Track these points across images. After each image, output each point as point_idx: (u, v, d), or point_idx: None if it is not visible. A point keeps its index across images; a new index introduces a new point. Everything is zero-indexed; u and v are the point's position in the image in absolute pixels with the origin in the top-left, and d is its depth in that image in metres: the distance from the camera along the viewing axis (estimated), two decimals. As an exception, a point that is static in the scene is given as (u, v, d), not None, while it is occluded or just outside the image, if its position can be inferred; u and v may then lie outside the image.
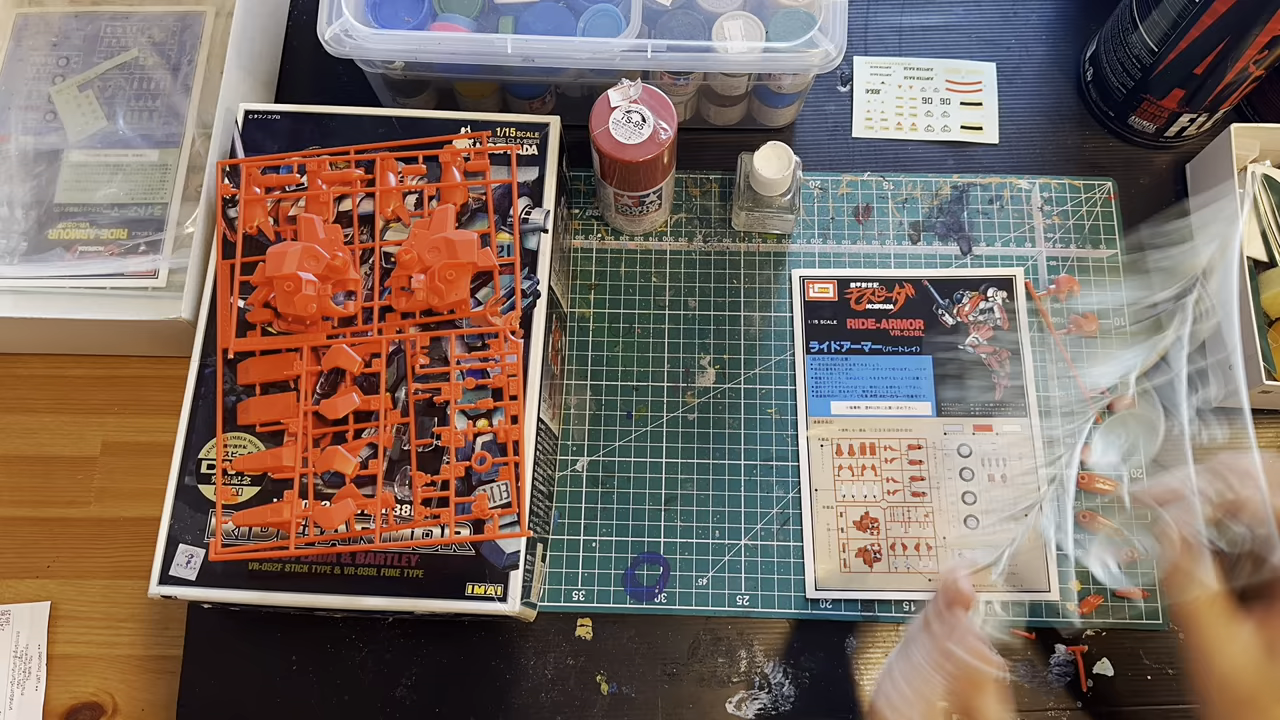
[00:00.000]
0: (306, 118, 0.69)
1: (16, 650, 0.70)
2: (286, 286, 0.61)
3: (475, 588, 0.59)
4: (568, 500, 0.72)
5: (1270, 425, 0.73)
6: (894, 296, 0.76)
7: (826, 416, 0.73)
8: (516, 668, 0.68)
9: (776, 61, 0.68)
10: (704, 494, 0.72)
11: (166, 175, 0.76)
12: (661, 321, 0.76)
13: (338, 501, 0.59)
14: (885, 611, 0.69)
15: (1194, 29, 0.68)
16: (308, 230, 0.64)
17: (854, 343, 0.75)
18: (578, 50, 0.67)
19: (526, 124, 0.68)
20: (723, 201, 0.79)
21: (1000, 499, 0.70)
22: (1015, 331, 0.74)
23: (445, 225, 0.64)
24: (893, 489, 0.71)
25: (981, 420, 0.73)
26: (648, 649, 0.69)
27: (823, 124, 0.81)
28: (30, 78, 0.79)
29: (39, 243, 0.74)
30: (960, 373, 0.74)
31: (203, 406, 0.63)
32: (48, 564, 0.73)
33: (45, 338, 0.74)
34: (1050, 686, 0.67)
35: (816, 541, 0.70)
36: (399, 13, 0.70)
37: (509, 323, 0.63)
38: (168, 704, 0.69)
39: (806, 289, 0.76)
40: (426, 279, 0.62)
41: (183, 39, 0.80)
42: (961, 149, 0.80)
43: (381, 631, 0.69)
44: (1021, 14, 0.85)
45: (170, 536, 0.60)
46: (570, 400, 0.74)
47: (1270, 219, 0.73)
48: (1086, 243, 0.77)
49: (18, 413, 0.76)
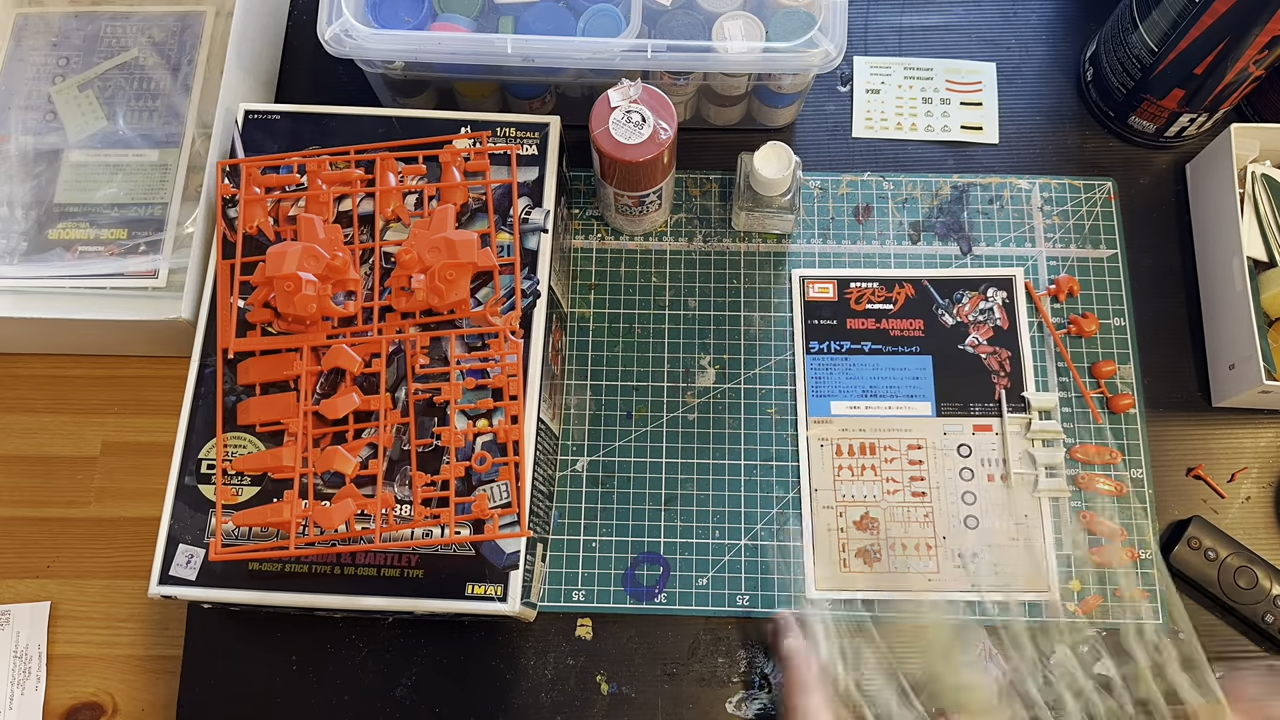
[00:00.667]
0: (306, 118, 0.69)
1: (16, 650, 0.70)
2: (286, 286, 0.61)
3: (475, 588, 0.59)
4: (568, 500, 0.72)
5: (1270, 425, 0.73)
6: (894, 296, 0.76)
7: (826, 416, 0.73)
8: (516, 668, 0.68)
9: (776, 61, 0.68)
10: (704, 494, 0.72)
11: (166, 175, 0.76)
12: (661, 321, 0.76)
13: (337, 501, 0.59)
14: (886, 611, 0.69)
15: (1194, 29, 0.68)
16: (308, 230, 0.64)
17: (854, 343, 0.75)
18: (578, 50, 0.67)
19: (526, 124, 0.68)
20: (723, 201, 0.79)
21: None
22: (1015, 331, 0.74)
23: (445, 225, 0.64)
24: (893, 489, 0.71)
25: (981, 420, 0.73)
26: (648, 649, 0.69)
27: (823, 124, 0.81)
28: (30, 78, 0.79)
29: (39, 243, 0.74)
30: (960, 373, 0.74)
31: (203, 406, 0.63)
32: (48, 564, 0.73)
33: (45, 338, 0.74)
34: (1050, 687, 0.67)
35: (817, 542, 0.70)
36: (399, 13, 0.70)
37: (509, 323, 0.63)
38: (168, 704, 0.69)
39: (806, 289, 0.76)
40: (426, 279, 0.62)
41: (183, 39, 0.80)
42: (961, 149, 0.80)
43: (381, 631, 0.69)
44: (1021, 14, 0.85)
45: (170, 536, 0.60)
46: (570, 400, 0.74)
47: (1270, 219, 0.73)
48: (1086, 243, 0.77)
49: (18, 413, 0.76)
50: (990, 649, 0.65)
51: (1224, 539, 0.69)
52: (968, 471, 0.72)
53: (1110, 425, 0.73)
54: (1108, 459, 0.72)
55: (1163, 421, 0.73)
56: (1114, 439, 0.72)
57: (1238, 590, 0.68)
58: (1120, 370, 0.74)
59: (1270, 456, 0.73)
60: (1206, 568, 0.68)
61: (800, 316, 0.75)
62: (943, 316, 0.75)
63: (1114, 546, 0.70)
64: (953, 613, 0.68)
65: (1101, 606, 0.69)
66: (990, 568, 0.69)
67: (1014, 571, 0.69)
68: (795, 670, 0.62)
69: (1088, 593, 0.69)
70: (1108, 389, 0.73)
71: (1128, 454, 0.72)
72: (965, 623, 0.67)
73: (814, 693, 0.60)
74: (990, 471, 0.72)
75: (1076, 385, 0.73)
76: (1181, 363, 0.75)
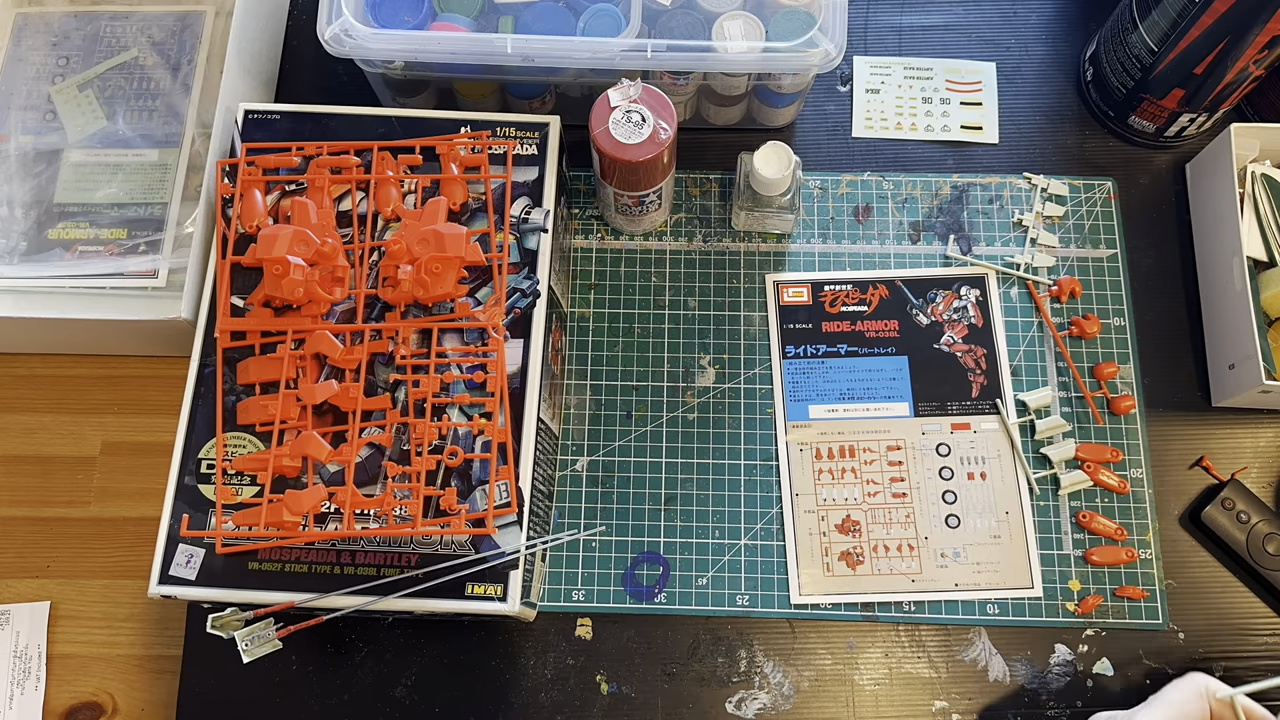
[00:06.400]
0: (306, 117, 0.69)
1: (16, 650, 0.70)
2: (275, 270, 0.61)
3: (475, 588, 0.59)
4: (568, 500, 0.72)
5: (1270, 425, 0.73)
6: (868, 298, 0.75)
7: (805, 421, 0.73)
8: (516, 667, 0.68)
9: (776, 61, 0.68)
10: (704, 494, 0.72)
11: (166, 175, 0.76)
12: (661, 321, 0.76)
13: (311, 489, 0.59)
14: (885, 611, 0.69)
15: (1194, 29, 0.68)
16: (300, 214, 0.64)
17: (830, 346, 0.74)
18: (578, 50, 0.67)
19: (526, 124, 0.68)
20: (723, 201, 0.79)
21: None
22: (990, 329, 0.74)
23: (436, 218, 0.64)
24: (873, 491, 0.71)
25: (959, 419, 0.73)
26: (648, 649, 0.69)
27: (823, 124, 0.81)
28: (30, 77, 0.79)
29: (39, 243, 0.74)
30: (936, 372, 0.74)
31: (203, 406, 0.63)
32: (47, 564, 0.73)
33: (45, 338, 0.74)
34: (1050, 687, 0.68)
35: (800, 547, 0.70)
36: (399, 13, 0.70)
37: (492, 318, 0.63)
38: (168, 704, 0.69)
39: (780, 293, 0.76)
40: (414, 270, 0.62)
41: (183, 39, 0.80)
42: (961, 149, 0.80)
43: (381, 631, 0.69)
44: (1021, 14, 0.85)
45: (170, 536, 0.60)
46: (570, 400, 0.74)
47: (1270, 219, 0.73)
48: (1086, 242, 0.77)
49: (18, 413, 0.76)
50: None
51: (1258, 504, 0.70)
52: (948, 470, 0.72)
53: (1110, 425, 0.73)
54: (1108, 458, 0.72)
55: (1163, 421, 0.73)
56: (1114, 439, 0.72)
57: (1265, 555, 0.69)
58: (1120, 370, 0.74)
59: (1270, 456, 0.73)
60: (1236, 530, 0.69)
61: (775, 321, 0.75)
62: (917, 316, 0.75)
63: (1114, 546, 0.70)
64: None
65: (1101, 607, 0.69)
66: (973, 566, 0.69)
67: (998, 569, 0.69)
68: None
69: (1087, 592, 0.69)
70: (1109, 390, 0.73)
71: (1128, 454, 0.72)
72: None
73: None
74: (970, 470, 0.71)
75: (1077, 386, 0.73)
76: (1181, 363, 0.75)
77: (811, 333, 0.75)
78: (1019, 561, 0.69)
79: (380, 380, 0.62)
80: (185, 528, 0.60)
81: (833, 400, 0.73)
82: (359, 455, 0.61)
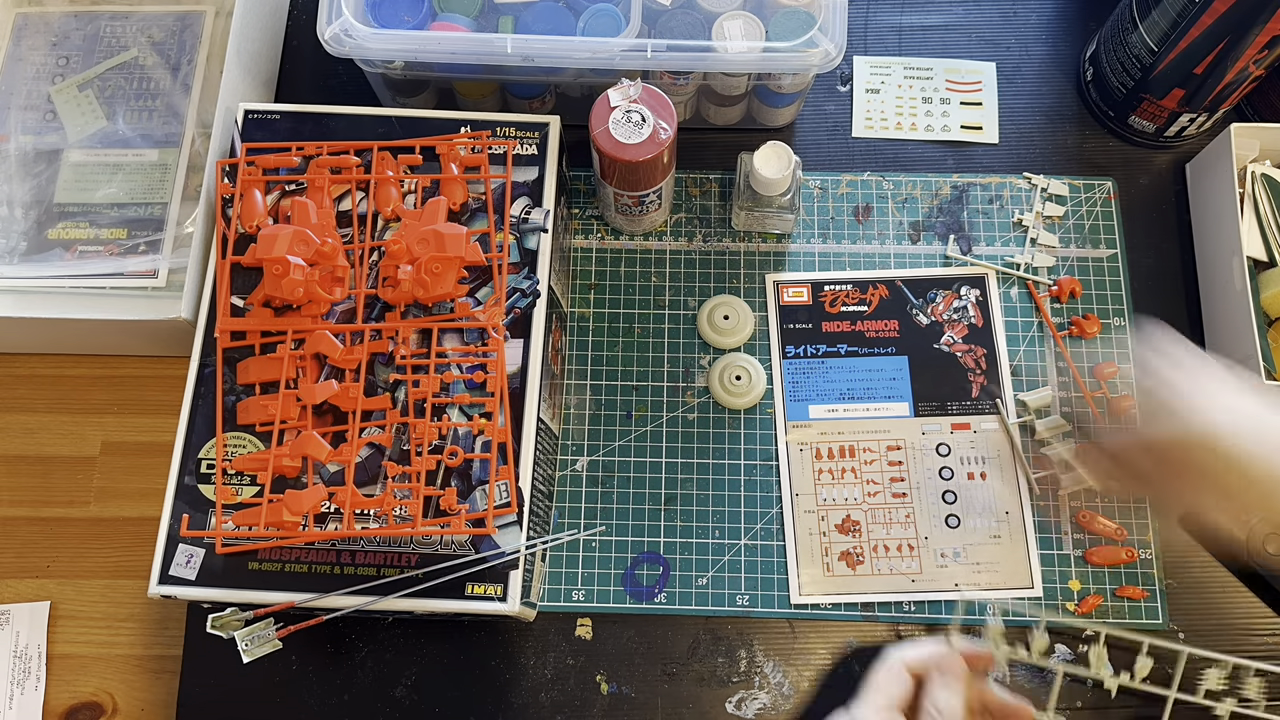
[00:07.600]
0: (306, 117, 0.69)
1: (16, 650, 0.70)
2: (275, 270, 0.61)
3: (475, 588, 0.59)
4: (568, 500, 0.72)
5: (1270, 425, 0.73)
6: (868, 298, 0.75)
7: (805, 421, 0.73)
8: (516, 667, 0.68)
9: (776, 61, 0.68)
10: (704, 494, 0.72)
11: (166, 175, 0.76)
12: (661, 321, 0.76)
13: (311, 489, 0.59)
14: (885, 610, 0.69)
15: (1194, 29, 0.68)
16: (300, 214, 0.64)
17: (830, 345, 0.74)
18: (578, 50, 0.67)
19: (526, 124, 0.68)
20: (723, 201, 0.79)
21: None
22: (990, 329, 0.74)
23: (436, 218, 0.64)
24: (873, 491, 0.71)
25: (959, 419, 0.73)
26: (648, 649, 0.69)
27: (823, 124, 0.81)
28: (30, 77, 0.79)
29: (39, 243, 0.74)
30: (936, 372, 0.74)
31: (203, 406, 0.63)
32: (47, 564, 0.73)
33: (45, 338, 0.74)
34: (1050, 687, 0.67)
35: (799, 547, 0.70)
36: (399, 13, 0.70)
37: (492, 318, 0.63)
38: (168, 704, 0.69)
39: (780, 293, 0.76)
40: (414, 270, 0.62)
41: (182, 39, 0.80)
42: (961, 149, 0.80)
43: (381, 631, 0.69)
44: (1021, 14, 0.85)
45: (170, 536, 0.60)
46: (570, 400, 0.74)
47: (1270, 219, 0.73)
48: (1086, 242, 0.77)
49: (18, 413, 0.76)
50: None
51: None
52: (947, 470, 0.72)
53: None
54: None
55: (1163, 421, 0.73)
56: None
57: (1266, 556, 0.69)
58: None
59: (1270, 456, 0.73)
60: (1236, 529, 0.69)
61: (775, 321, 0.75)
62: (917, 316, 0.75)
63: (1114, 546, 0.70)
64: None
65: (1101, 607, 0.69)
66: (973, 566, 0.69)
67: (998, 569, 0.69)
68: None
69: (1087, 592, 0.69)
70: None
71: (1128, 454, 0.72)
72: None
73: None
74: (970, 470, 0.71)
75: (1077, 386, 0.73)
76: (1181, 363, 0.75)
77: (811, 333, 0.75)
78: (1019, 561, 0.70)
79: (380, 380, 0.62)
80: (185, 528, 0.60)
81: (833, 400, 0.73)
82: (359, 455, 0.61)
